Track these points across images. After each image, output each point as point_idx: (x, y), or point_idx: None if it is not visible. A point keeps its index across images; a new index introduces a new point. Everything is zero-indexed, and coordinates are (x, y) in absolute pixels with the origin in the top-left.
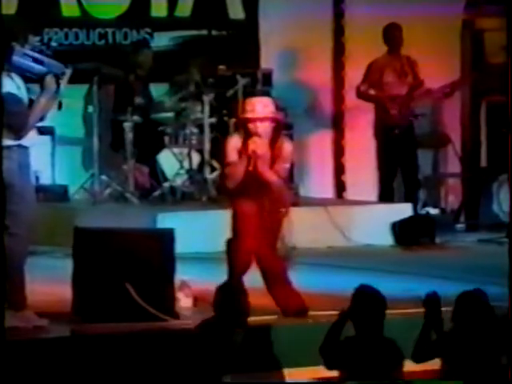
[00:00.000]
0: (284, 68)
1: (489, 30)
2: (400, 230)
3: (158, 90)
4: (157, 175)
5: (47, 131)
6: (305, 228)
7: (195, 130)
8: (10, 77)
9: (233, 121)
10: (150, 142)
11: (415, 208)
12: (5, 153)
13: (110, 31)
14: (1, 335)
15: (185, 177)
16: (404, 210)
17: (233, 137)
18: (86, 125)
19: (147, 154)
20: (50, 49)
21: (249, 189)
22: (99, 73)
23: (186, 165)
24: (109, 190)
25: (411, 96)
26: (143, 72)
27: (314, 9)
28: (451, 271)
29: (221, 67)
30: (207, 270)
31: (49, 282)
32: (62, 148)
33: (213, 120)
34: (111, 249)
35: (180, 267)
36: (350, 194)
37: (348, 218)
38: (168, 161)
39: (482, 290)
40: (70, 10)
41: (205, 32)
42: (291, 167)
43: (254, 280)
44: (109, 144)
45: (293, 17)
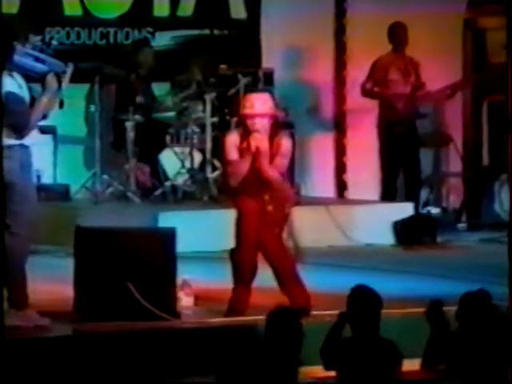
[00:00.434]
0: (286, 67)
1: (491, 29)
2: (401, 230)
3: (160, 90)
4: (158, 174)
5: (49, 130)
6: (306, 227)
7: (197, 130)
8: (12, 76)
9: (234, 120)
10: (152, 142)
11: (417, 207)
12: (6, 152)
13: (112, 31)
14: (1, 334)
15: (186, 176)
16: (405, 210)
17: (231, 134)
18: (88, 124)
19: (149, 153)
20: (52, 47)
21: (252, 186)
22: (101, 72)
23: (188, 164)
24: (110, 189)
25: (414, 96)
26: (145, 71)
27: (316, 8)
28: (453, 271)
29: (222, 66)
30: (208, 270)
31: (50, 281)
32: (64, 147)
33: (214, 119)
34: (113, 248)
35: (181, 266)
36: (352, 194)
37: (349, 218)
38: (170, 160)
39: (486, 291)
40: (72, 9)
41: (207, 31)
42: (291, 164)
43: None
44: (110, 143)
45: (294, 16)
